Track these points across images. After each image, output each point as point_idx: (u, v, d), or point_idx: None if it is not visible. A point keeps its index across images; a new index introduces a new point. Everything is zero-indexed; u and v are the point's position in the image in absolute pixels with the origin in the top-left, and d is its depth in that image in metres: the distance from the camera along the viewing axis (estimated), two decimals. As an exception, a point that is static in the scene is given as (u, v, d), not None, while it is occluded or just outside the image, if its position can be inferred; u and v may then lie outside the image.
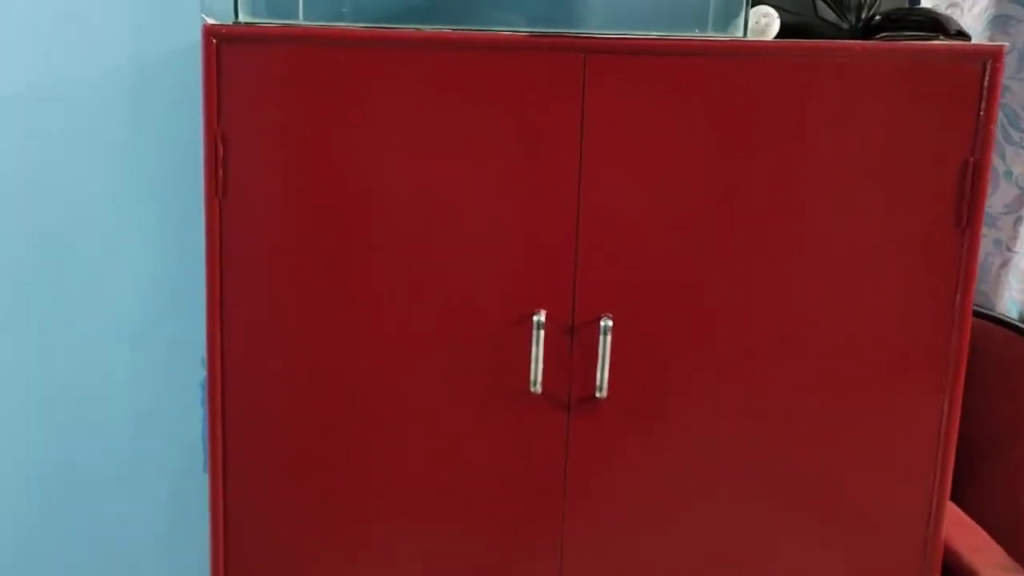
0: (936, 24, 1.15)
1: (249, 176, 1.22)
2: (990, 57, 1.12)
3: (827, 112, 1.15)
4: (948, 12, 1.56)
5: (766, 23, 1.17)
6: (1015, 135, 1.58)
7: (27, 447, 1.58)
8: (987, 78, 1.12)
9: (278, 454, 1.29)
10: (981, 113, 1.13)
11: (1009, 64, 1.56)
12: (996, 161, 1.60)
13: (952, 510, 1.47)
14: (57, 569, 1.62)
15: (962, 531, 1.38)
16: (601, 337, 1.20)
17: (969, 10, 1.55)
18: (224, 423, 1.28)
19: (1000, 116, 1.59)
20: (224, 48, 1.18)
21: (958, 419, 1.21)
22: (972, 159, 1.14)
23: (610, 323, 1.19)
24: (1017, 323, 1.59)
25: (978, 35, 1.56)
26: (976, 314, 1.60)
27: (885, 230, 1.17)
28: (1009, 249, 1.60)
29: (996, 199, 1.61)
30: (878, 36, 1.18)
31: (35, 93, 1.47)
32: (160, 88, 1.50)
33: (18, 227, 1.51)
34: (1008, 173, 1.59)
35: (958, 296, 1.17)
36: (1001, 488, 1.58)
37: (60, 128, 1.49)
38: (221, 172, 1.21)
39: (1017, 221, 1.59)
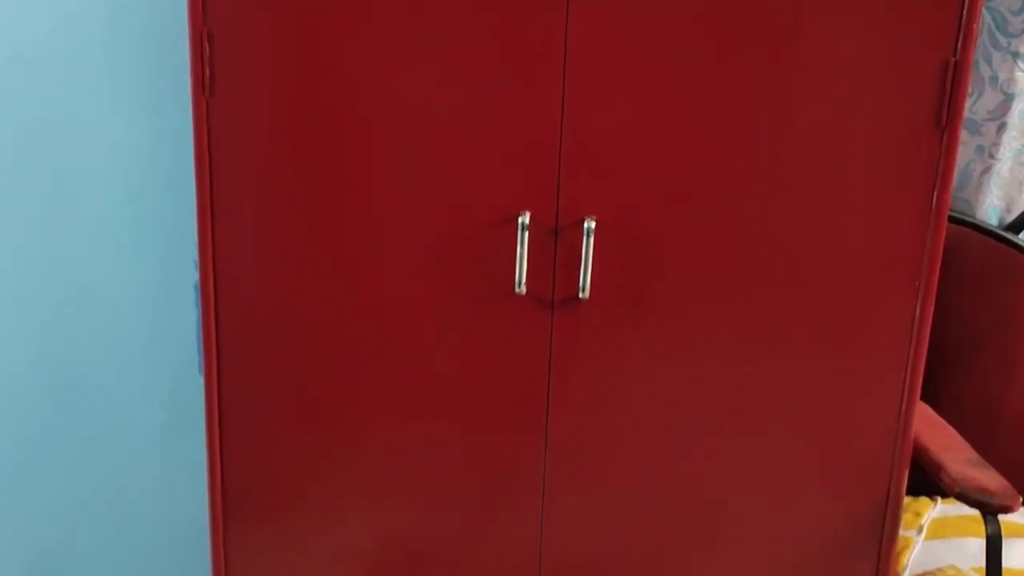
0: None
1: (236, 74, 1.22)
2: (975, -45, 1.12)
3: (808, 12, 1.15)
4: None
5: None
6: (1003, 40, 1.58)
7: (28, 348, 1.61)
8: (971, -24, 1.12)
9: (270, 354, 1.32)
10: (964, 13, 1.13)
11: (999, -33, 1.55)
12: (982, 66, 1.60)
13: (925, 411, 1.52)
14: (61, 466, 1.66)
15: (933, 430, 1.43)
16: (584, 238, 1.21)
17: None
18: (217, 324, 1.30)
19: (987, 20, 1.58)
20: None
21: (930, 321, 1.24)
22: (953, 59, 1.15)
23: (593, 224, 1.21)
24: (995, 230, 1.61)
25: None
26: (955, 220, 1.63)
27: (865, 130, 1.18)
28: (991, 156, 1.61)
29: (980, 105, 1.61)
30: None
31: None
32: None
33: (2, 130, 1.51)
34: (994, 79, 1.59)
35: (935, 197, 1.19)
36: (973, 390, 1.63)
37: (41, 27, 1.48)
38: (207, 71, 1.22)
39: (1000, 128, 1.60)
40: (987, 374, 1.60)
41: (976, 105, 1.61)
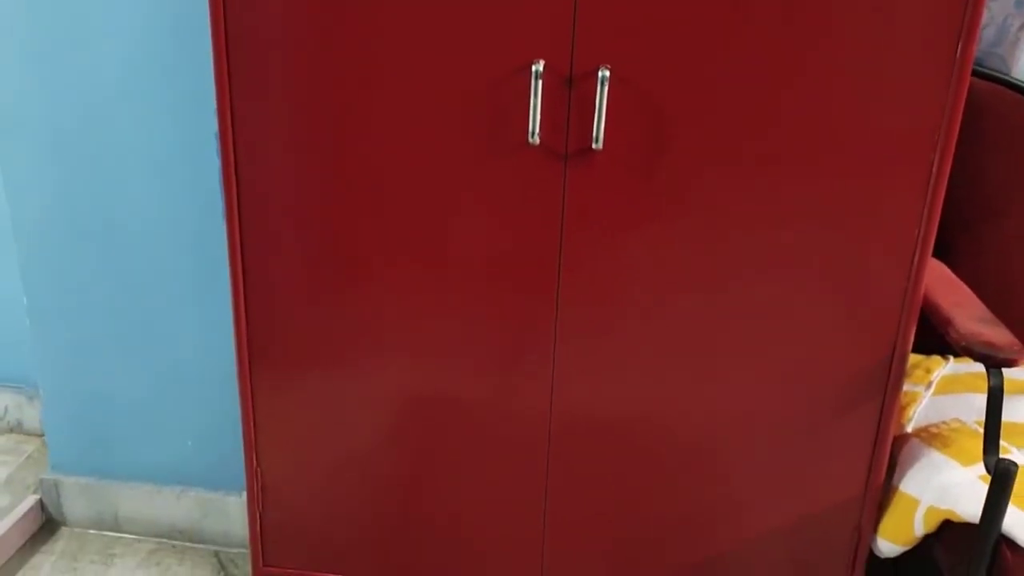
0: None
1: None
2: None
3: None
4: None
5: None
6: None
7: (62, 196, 1.67)
8: None
9: (289, 205, 1.35)
10: None
11: None
12: (1028, -86, 1.53)
13: (941, 270, 1.53)
14: (95, 311, 1.74)
15: (947, 288, 1.43)
16: (598, 88, 1.21)
17: None
18: (237, 176, 1.34)
19: None
20: None
21: (947, 177, 1.23)
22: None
23: (607, 74, 1.21)
24: (1031, 88, 1.57)
25: None
26: (988, 77, 1.59)
27: (890, 59, 1.16)
28: (1031, 10, 1.56)
29: (1024, -44, 1.55)
30: None
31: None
32: None
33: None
34: (1039, -72, 1.52)
35: (959, 48, 1.17)
36: (993, 256, 1.62)
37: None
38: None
39: (1042, -20, 1.54)
40: (1009, 241, 1.59)
41: (1019, -44, 1.55)
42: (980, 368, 1.29)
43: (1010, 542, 1.22)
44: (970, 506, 1.25)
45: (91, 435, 1.83)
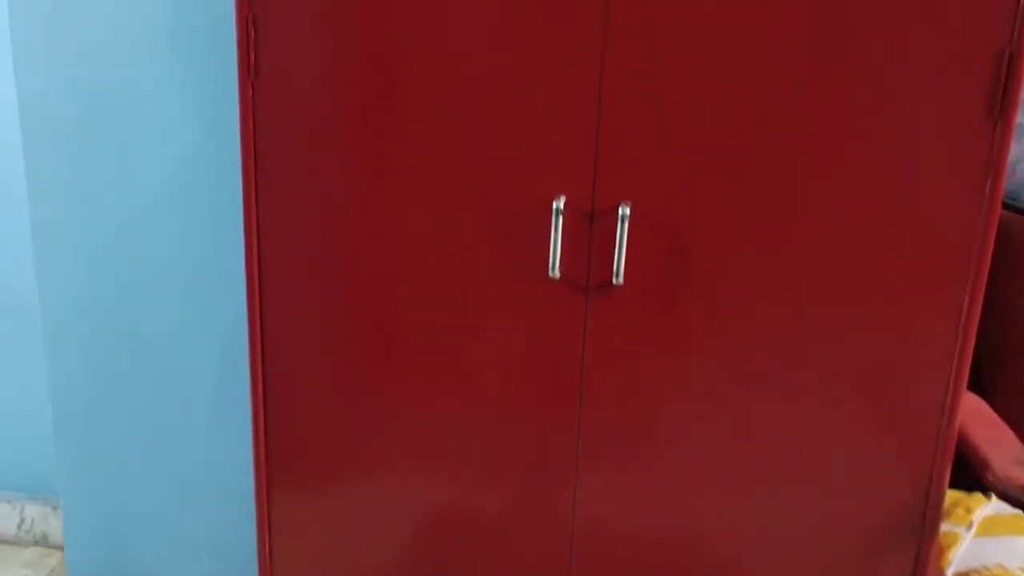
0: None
1: (281, 57, 1.25)
2: (1035, -62, 1.06)
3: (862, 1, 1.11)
4: None
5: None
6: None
7: (92, 306, 1.69)
8: (1031, -39, 1.07)
9: (311, 321, 1.35)
10: (1020, 1, 1.08)
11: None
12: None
13: (977, 405, 1.48)
14: (119, 422, 1.75)
15: (984, 425, 1.39)
16: (619, 224, 1.21)
17: None
18: (261, 304, 1.35)
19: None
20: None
21: (979, 312, 1.20)
22: (1008, 48, 1.10)
23: (628, 211, 1.20)
24: (1066, 220, 1.54)
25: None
26: (1015, 209, 1.57)
27: (916, 118, 1.14)
28: (1064, 142, 1.54)
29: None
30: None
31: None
32: None
33: (65, 94, 1.58)
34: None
35: (987, 187, 1.15)
36: (1033, 386, 1.57)
37: (108, 15, 1.54)
38: (253, 55, 1.25)
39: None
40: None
41: (1050, 88, 1.54)
42: (1025, 510, 1.23)
43: None
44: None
45: (109, 548, 1.82)
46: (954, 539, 1.47)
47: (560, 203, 1.22)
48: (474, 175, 1.25)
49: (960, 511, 1.53)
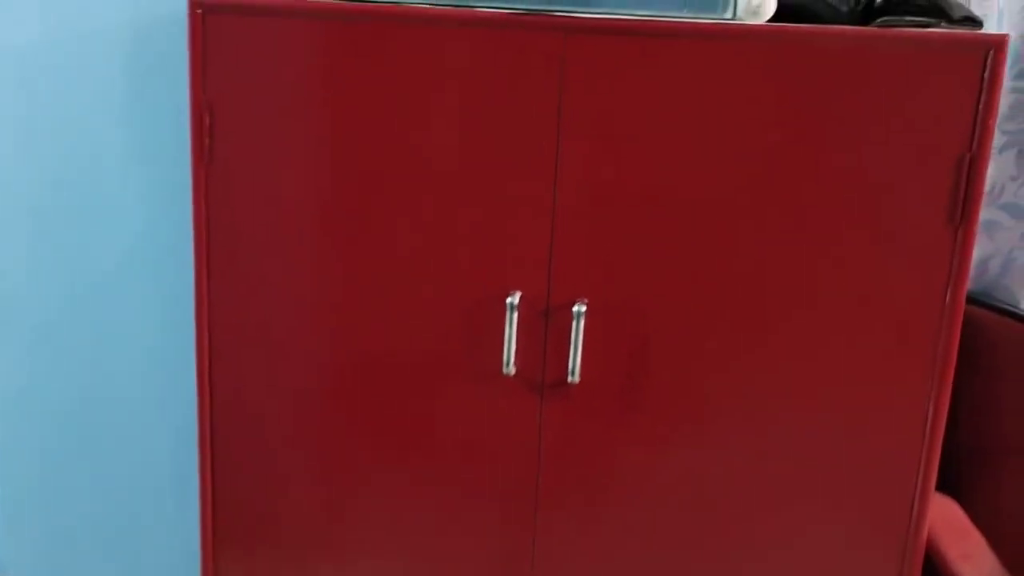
0: (939, 10, 1.09)
1: (236, 145, 1.23)
2: (992, 47, 1.05)
3: (819, 100, 1.10)
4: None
5: (759, 4, 1.12)
6: (1051, 122, 1.49)
7: (43, 384, 1.65)
8: (988, 69, 1.06)
9: (265, 417, 1.31)
10: (980, 106, 1.07)
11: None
12: (1029, 148, 1.51)
13: (950, 510, 1.43)
14: (68, 502, 1.70)
15: (956, 535, 1.33)
16: (574, 323, 1.18)
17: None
18: (212, 393, 1.31)
19: (1036, 99, 1.50)
20: (209, 18, 1.18)
21: (944, 416, 1.17)
22: (969, 154, 1.08)
23: (583, 308, 1.18)
24: (1041, 321, 1.51)
25: (1014, 15, 1.46)
26: (997, 310, 1.54)
27: (876, 223, 1.12)
28: (1036, 243, 1.52)
29: (1025, 190, 1.52)
30: (878, 20, 1.12)
31: (33, 49, 1.50)
32: (156, 51, 1.51)
33: (21, 168, 1.56)
34: (1040, 163, 1.50)
35: (948, 296, 1.12)
36: (1012, 490, 1.52)
37: (54, 84, 1.52)
38: (207, 141, 1.23)
39: (1047, 214, 1.50)
40: (1026, 479, 1.49)
41: (1021, 191, 1.52)
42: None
43: None
44: None
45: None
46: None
47: (515, 299, 1.19)
48: (430, 269, 1.22)
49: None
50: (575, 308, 1.18)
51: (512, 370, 1.21)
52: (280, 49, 1.19)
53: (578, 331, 1.18)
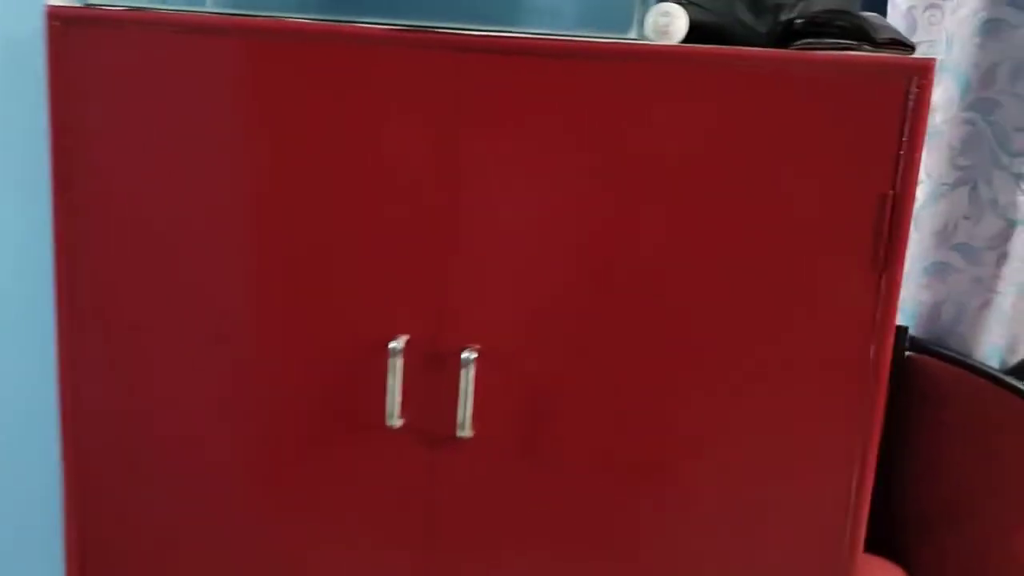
0: (862, 32, 0.98)
1: (97, 166, 1.13)
2: (916, 73, 0.95)
3: (734, 127, 0.99)
4: (928, 14, 1.37)
5: (666, 23, 1.01)
6: (1004, 159, 1.38)
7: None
8: (912, 98, 0.95)
9: (129, 478, 1.20)
10: (904, 139, 0.96)
11: (1000, 76, 1.36)
12: (981, 188, 1.40)
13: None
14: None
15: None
16: (463, 371, 1.07)
17: (953, 12, 1.36)
18: (77, 458, 1.20)
19: (989, 136, 1.39)
20: (70, 31, 1.09)
21: (868, 489, 1.05)
22: (892, 192, 0.97)
23: (473, 355, 1.06)
24: (997, 373, 1.39)
25: (965, 41, 1.36)
26: (950, 360, 1.42)
27: (796, 267, 1.01)
28: (991, 289, 1.40)
29: (979, 231, 1.41)
30: (797, 42, 1.01)
31: None
32: (16, 70, 1.39)
33: None
34: (993, 202, 1.39)
35: (872, 350, 1.01)
36: (962, 560, 1.40)
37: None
38: (67, 162, 1.13)
39: (1001, 258, 1.39)
40: (982, 541, 1.37)
41: (975, 230, 1.41)
42: None
43: None
44: None
45: None
46: None
47: (399, 344, 1.08)
48: (308, 314, 1.11)
49: None
50: (464, 355, 1.06)
51: (397, 422, 1.09)
52: (142, 63, 1.09)
53: (468, 380, 1.07)
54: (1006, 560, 1.36)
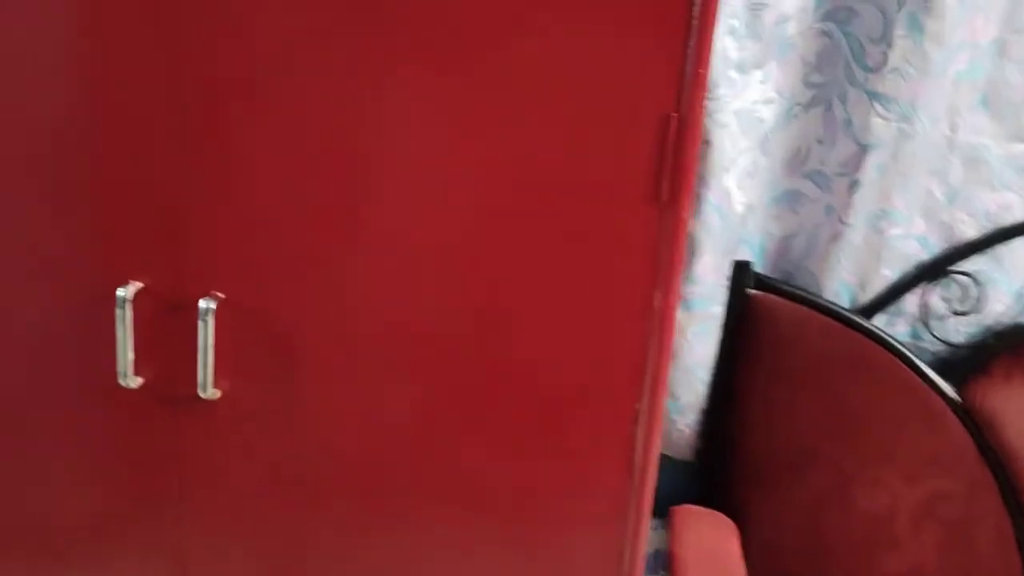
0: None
1: None
2: (698, -34, 0.80)
3: (494, 27, 0.84)
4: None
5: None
6: (859, 74, 1.24)
7: None
8: (698, 1, 0.80)
9: None
10: (689, 51, 0.81)
11: (856, -19, 1.22)
12: (836, 107, 1.27)
13: (717, 544, 1.21)
14: None
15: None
16: (201, 322, 0.92)
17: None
18: None
19: (844, 48, 1.25)
20: None
21: (656, 453, 0.93)
22: (676, 114, 0.83)
23: (212, 305, 0.92)
24: (845, 311, 1.28)
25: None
26: (795, 298, 1.31)
27: (567, 204, 0.87)
28: (842, 221, 1.28)
29: (832, 155, 1.28)
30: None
31: None
32: None
33: None
34: (847, 123, 1.26)
35: (656, 297, 0.88)
36: (799, 513, 1.31)
37: None
38: None
39: (853, 185, 1.26)
40: (819, 493, 1.27)
41: (828, 155, 1.28)
42: None
43: None
44: None
45: None
46: None
47: (127, 292, 0.93)
48: (29, 259, 0.96)
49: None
50: (202, 304, 0.92)
51: (131, 383, 0.95)
52: None
53: (207, 333, 0.93)
54: (846, 511, 1.27)
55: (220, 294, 0.93)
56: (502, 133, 0.85)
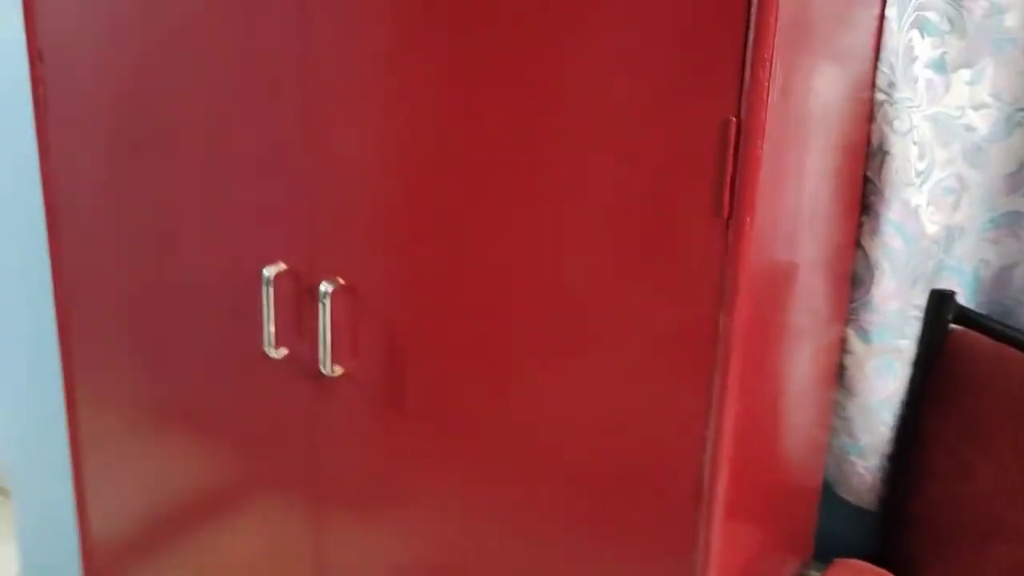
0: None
1: (69, 93, 1.21)
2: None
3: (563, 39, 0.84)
4: None
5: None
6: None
7: None
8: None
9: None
10: (748, 50, 0.75)
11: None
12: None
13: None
14: None
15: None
16: (320, 304, 1.02)
17: None
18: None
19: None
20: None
21: (723, 474, 0.85)
22: (736, 118, 0.77)
23: (330, 288, 1.01)
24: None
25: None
26: (1003, 337, 1.13)
27: (636, 217, 0.84)
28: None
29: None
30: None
31: None
32: None
33: None
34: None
35: (721, 318, 0.81)
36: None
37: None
38: (42, 89, 1.23)
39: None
40: (1005, 570, 1.07)
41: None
42: None
43: None
44: None
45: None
46: None
47: (270, 272, 1.06)
48: (196, 244, 1.14)
49: None
50: (322, 287, 1.02)
51: (276, 353, 1.08)
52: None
53: (325, 315, 1.02)
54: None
55: (341, 280, 1.02)
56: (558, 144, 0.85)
